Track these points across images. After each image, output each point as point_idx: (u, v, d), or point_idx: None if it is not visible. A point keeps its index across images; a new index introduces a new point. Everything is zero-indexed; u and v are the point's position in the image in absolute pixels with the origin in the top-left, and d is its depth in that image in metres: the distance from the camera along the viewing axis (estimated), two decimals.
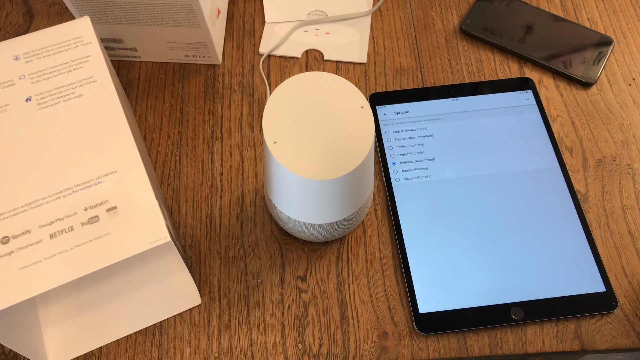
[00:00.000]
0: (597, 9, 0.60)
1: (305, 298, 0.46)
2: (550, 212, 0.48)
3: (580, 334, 0.44)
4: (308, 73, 0.40)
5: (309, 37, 0.59)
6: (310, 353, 0.44)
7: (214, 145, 0.53)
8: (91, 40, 0.44)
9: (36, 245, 0.36)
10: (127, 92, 0.56)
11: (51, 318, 0.45)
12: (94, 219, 0.37)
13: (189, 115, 0.55)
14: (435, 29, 0.60)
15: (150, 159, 0.53)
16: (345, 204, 0.41)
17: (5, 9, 0.62)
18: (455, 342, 0.44)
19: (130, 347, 0.45)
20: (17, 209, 0.37)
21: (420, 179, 0.50)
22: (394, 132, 0.53)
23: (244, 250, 0.48)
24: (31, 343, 0.41)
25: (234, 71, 0.57)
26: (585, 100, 0.55)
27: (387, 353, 0.44)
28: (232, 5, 0.61)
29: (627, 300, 0.45)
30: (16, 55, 0.43)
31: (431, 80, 0.56)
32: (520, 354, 0.44)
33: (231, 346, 0.44)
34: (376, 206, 0.50)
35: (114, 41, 0.55)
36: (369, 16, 0.60)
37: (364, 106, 0.39)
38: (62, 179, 0.38)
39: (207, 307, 0.46)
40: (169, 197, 0.51)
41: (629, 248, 0.48)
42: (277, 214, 0.44)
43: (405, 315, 0.45)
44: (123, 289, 0.46)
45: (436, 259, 0.47)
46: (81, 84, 0.42)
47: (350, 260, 0.47)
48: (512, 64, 0.57)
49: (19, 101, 0.41)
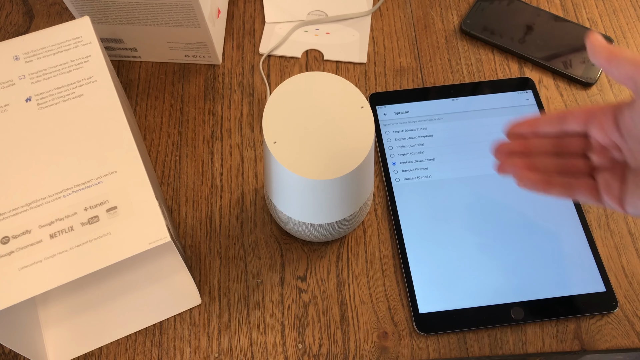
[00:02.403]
0: (597, 9, 0.60)
1: (305, 298, 0.46)
2: (550, 212, 0.48)
3: (580, 334, 0.44)
4: (308, 73, 0.40)
5: (309, 37, 0.59)
6: (310, 353, 0.44)
7: (214, 145, 0.53)
8: (91, 40, 0.44)
9: (36, 245, 0.36)
10: (127, 92, 0.56)
11: (51, 318, 0.45)
12: (94, 219, 0.37)
13: (189, 115, 0.55)
14: (435, 29, 0.60)
15: (150, 159, 0.53)
16: (345, 204, 0.41)
17: (5, 9, 0.62)
18: (455, 342, 0.44)
19: (130, 347, 0.45)
20: (17, 209, 0.37)
21: (420, 179, 0.50)
22: (394, 132, 0.53)
23: (244, 250, 0.48)
24: (31, 343, 0.41)
25: (234, 71, 0.57)
26: (585, 100, 0.55)
27: (387, 353, 0.44)
28: (232, 5, 0.61)
29: (627, 300, 0.45)
30: (16, 55, 0.43)
31: (431, 80, 0.56)
32: (520, 354, 0.44)
33: (231, 346, 0.44)
34: (376, 206, 0.50)
35: (114, 41, 0.55)
36: (369, 16, 0.60)
37: (364, 106, 0.39)
38: (62, 179, 0.38)
39: (207, 307, 0.46)
40: (169, 197, 0.51)
41: (629, 248, 0.48)
42: (277, 214, 0.44)
43: (405, 315, 0.45)
44: (123, 289, 0.46)
45: (436, 259, 0.47)
46: (81, 84, 0.42)
47: (350, 260, 0.47)
48: (512, 64, 0.57)
49: (19, 101, 0.41)
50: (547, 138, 0.37)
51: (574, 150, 0.36)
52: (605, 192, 0.34)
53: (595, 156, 0.35)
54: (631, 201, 0.33)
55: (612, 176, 0.34)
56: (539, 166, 0.37)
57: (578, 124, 0.36)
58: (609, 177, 0.34)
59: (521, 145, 0.38)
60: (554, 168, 0.36)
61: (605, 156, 0.35)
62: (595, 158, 0.35)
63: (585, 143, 0.36)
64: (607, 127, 0.34)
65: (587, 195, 0.35)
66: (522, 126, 0.38)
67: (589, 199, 0.35)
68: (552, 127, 0.37)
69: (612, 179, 0.34)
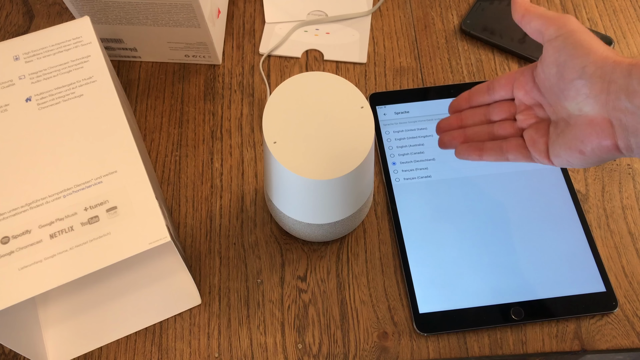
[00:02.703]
0: (597, 9, 0.60)
1: (305, 298, 0.46)
2: (550, 212, 0.48)
3: (580, 334, 0.44)
4: (308, 73, 0.40)
5: (309, 37, 0.59)
6: (310, 353, 0.44)
7: (214, 145, 0.53)
8: (91, 40, 0.44)
9: (36, 245, 0.36)
10: (127, 92, 0.56)
11: (51, 318, 0.45)
12: (94, 219, 0.37)
13: (189, 115, 0.55)
14: (435, 29, 0.60)
15: (150, 159, 0.53)
16: (345, 204, 0.41)
17: (5, 9, 0.62)
18: (455, 342, 0.44)
19: (130, 347, 0.45)
20: (17, 209, 0.37)
21: (420, 179, 0.50)
22: (394, 132, 0.53)
23: (244, 250, 0.48)
24: (31, 343, 0.41)
25: (234, 71, 0.57)
26: None
27: (387, 353, 0.44)
28: (232, 5, 0.61)
29: (627, 300, 0.45)
30: (16, 55, 0.43)
31: (431, 80, 0.56)
32: (520, 354, 0.44)
33: (231, 346, 0.44)
34: (376, 206, 0.50)
35: (114, 41, 0.55)
36: (369, 16, 0.60)
37: (364, 106, 0.39)
38: (62, 179, 0.38)
39: (207, 307, 0.46)
40: (169, 197, 0.51)
41: (629, 248, 0.47)
42: (277, 214, 0.44)
43: (405, 315, 0.45)
44: (123, 289, 0.46)
45: (436, 259, 0.47)
46: (81, 84, 0.42)
47: (350, 260, 0.47)
48: (512, 64, 0.57)
49: (19, 101, 0.41)
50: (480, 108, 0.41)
51: (502, 115, 0.40)
52: (532, 147, 0.37)
53: (521, 116, 0.38)
54: (555, 152, 0.36)
55: (537, 132, 0.37)
56: (471, 136, 0.40)
57: (504, 90, 0.39)
58: (534, 133, 0.37)
59: (457, 119, 0.42)
60: (485, 135, 0.40)
61: (530, 115, 0.38)
62: (521, 118, 0.38)
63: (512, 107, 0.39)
64: (527, 87, 0.38)
65: (516, 154, 0.38)
66: (459, 101, 0.42)
67: (518, 157, 0.38)
68: (484, 98, 0.41)
69: (537, 134, 0.37)
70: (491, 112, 0.40)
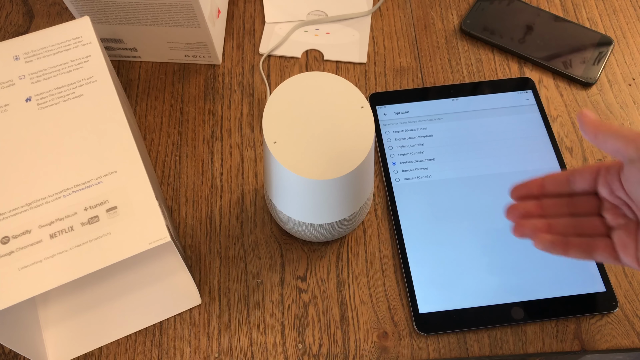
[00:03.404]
0: (597, 9, 0.60)
1: (305, 298, 0.46)
2: None
3: (580, 334, 0.44)
4: (308, 73, 0.40)
5: (309, 37, 0.59)
6: (310, 353, 0.44)
7: (214, 145, 0.53)
8: (91, 40, 0.44)
9: (36, 245, 0.36)
10: (127, 92, 0.56)
11: (51, 318, 0.45)
12: (94, 219, 0.37)
13: (189, 115, 0.55)
14: (435, 29, 0.60)
15: (150, 159, 0.53)
16: (345, 204, 0.41)
17: (5, 9, 0.62)
18: (455, 342, 0.44)
19: (130, 347, 0.45)
20: (17, 209, 0.37)
21: (420, 179, 0.50)
22: (394, 132, 0.53)
23: (244, 250, 0.48)
24: (31, 343, 0.41)
25: (234, 71, 0.57)
26: (586, 100, 0.55)
27: (387, 353, 0.44)
28: (232, 5, 0.61)
29: (627, 300, 0.45)
30: (16, 55, 0.43)
31: (431, 80, 0.56)
32: (520, 354, 0.44)
33: (231, 346, 0.44)
34: (376, 206, 0.50)
35: (114, 41, 0.55)
36: (369, 16, 0.60)
37: (364, 106, 0.39)
38: (62, 179, 0.38)
39: (207, 307, 0.46)
40: (169, 197, 0.51)
41: None
42: (277, 214, 0.44)
43: (405, 315, 0.45)
44: (123, 289, 0.46)
45: (436, 259, 0.47)
46: (81, 84, 0.42)
47: (350, 260, 0.47)
48: (512, 64, 0.57)
49: (19, 101, 0.41)
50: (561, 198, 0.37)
51: (588, 209, 0.36)
52: (622, 251, 0.34)
53: (609, 215, 0.35)
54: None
55: (627, 234, 0.34)
56: (557, 228, 0.36)
57: (587, 183, 0.36)
58: (624, 236, 0.34)
59: (537, 207, 0.37)
60: (571, 229, 0.36)
61: (617, 214, 0.35)
62: (609, 217, 0.35)
63: (598, 202, 0.36)
64: (614, 186, 0.34)
65: (605, 255, 0.35)
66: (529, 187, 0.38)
67: (608, 259, 0.35)
68: (562, 188, 0.37)
69: (627, 237, 0.34)
70: (575, 204, 0.37)
